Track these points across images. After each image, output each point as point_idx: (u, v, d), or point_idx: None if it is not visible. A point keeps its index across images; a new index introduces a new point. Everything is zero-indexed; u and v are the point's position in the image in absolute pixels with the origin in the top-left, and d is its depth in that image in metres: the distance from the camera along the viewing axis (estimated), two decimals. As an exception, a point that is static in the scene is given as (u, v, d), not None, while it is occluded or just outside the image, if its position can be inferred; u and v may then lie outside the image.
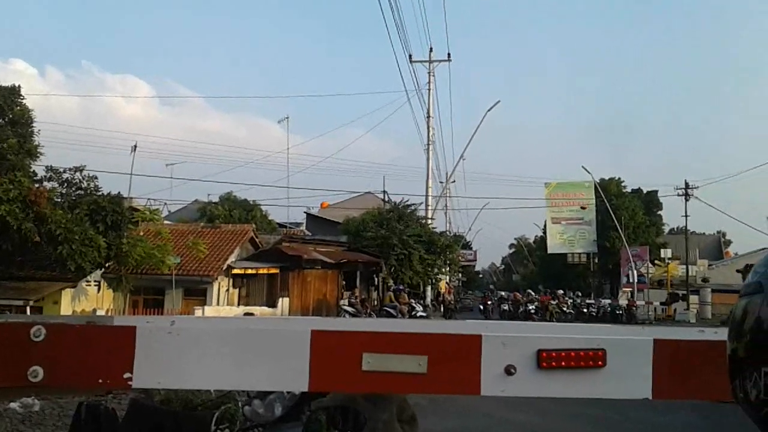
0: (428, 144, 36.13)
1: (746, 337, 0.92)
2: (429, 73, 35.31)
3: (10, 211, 19.84)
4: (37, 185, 21.95)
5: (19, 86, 23.00)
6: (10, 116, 22.53)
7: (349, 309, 26.29)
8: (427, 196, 40.30)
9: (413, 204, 38.30)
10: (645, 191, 59.65)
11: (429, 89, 35.22)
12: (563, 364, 1.78)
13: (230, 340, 1.79)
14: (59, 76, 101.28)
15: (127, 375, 1.74)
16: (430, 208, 40.58)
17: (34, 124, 23.09)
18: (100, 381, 1.77)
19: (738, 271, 40.73)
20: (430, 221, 39.70)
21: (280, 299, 26.88)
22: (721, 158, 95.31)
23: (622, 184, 59.61)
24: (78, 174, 23.61)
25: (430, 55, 35.30)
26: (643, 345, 1.83)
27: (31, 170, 22.65)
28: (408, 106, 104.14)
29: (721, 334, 1.98)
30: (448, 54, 35.81)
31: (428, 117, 35.71)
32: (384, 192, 42.12)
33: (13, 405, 7.20)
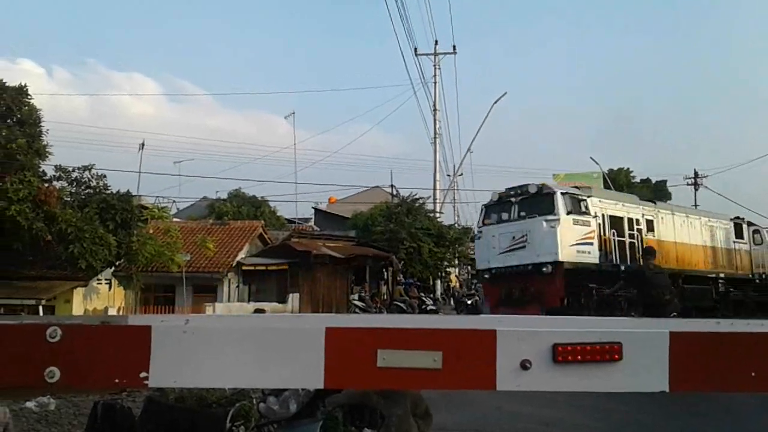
0: (435, 137, 36.11)
1: None
2: (435, 66, 35.25)
3: (21, 211, 19.97)
4: (46, 185, 22.06)
5: (27, 86, 23.08)
6: (19, 116, 22.65)
7: (359, 304, 26.32)
8: (435, 189, 40.21)
9: (421, 198, 38.25)
10: (654, 181, 59.38)
11: (435, 82, 35.18)
12: (579, 358, 1.77)
13: (245, 338, 1.79)
14: (66, 75, 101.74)
15: (143, 374, 1.74)
16: (438, 201, 40.50)
17: (42, 124, 23.20)
18: (117, 381, 1.78)
19: None
20: (438, 215, 39.64)
21: (290, 295, 26.92)
22: (731, 147, 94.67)
23: (631, 174, 59.36)
24: (87, 173, 23.73)
25: (435, 47, 35.30)
26: (659, 338, 1.82)
27: (41, 170, 22.77)
28: (414, 100, 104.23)
29: (737, 326, 1.97)
30: (453, 46, 35.81)
31: (434, 110, 35.66)
32: (392, 186, 42.12)
33: (29, 404, 7.25)
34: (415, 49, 33.35)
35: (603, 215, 18.64)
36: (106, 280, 26.27)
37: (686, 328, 1.90)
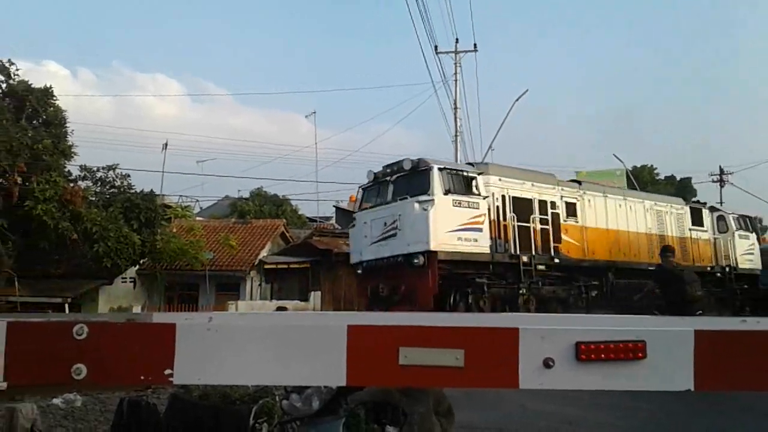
0: (456, 135, 35.87)
1: None
2: (455, 63, 35.00)
3: (47, 211, 20.27)
4: (72, 184, 22.37)
5: (52, 87, 23.39)
6: (44, 117, 22.99)
7: (381, 302, 26.27)
8: (456, 187, 39.93)
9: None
10: (678, 178, 58.66)
11: (455, 80, 34.86)
12: (602, 356, 1.76)
13: (268, 335, 1.80)
14: (90, 76, 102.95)
15: (167, 371, 1.76)
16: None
17: (67, 125, 23.52)
18: (142, 378, 1.80)
19: None
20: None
21: (312, 293, 27.01)
22: (756, 143, 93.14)
23: (655, 172, 58.70)
24: (111, 172, 24.05)
25: (456, 45, 34.89)
26: (684, 336, 1.80)
27: (66, 170, 23.08)
28: (435, 98, 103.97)
29: (764, 324, 1.94)
30: (474, 44, 35.41)
31: (455, 108, 35.47)
32: (413, 184, 41.91)
33: (55, 401, 7.36)
34: (436, 47, 33.10)
35: (503, 197, 15.90)
36: (130, 278, 26.57)
37: (711, 326, 1.88)
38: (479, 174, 15.51)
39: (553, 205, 16.94)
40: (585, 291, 17.16)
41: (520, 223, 15.88)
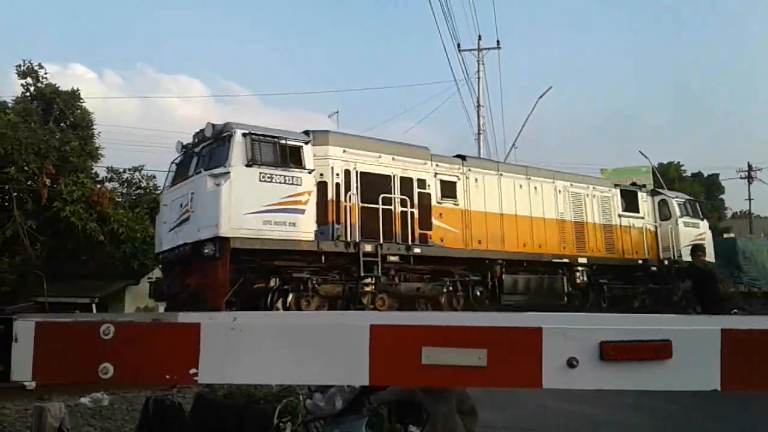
0: (479, 133, 35.68)
1: None
2: (478, 61, 34.77)
3: (75, 212, 20.58)
4: (99, 186, 22.70)
5: (79, 90, 23.74)
6: (72, 119, 23.34)
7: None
8: (479, 186, 39.70)
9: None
10: (706, 175, 57.85)
11: (478, 78, 34.63)
12: (627, 356, 1.74)
13: (291, 335, 1.81)
14: (116, 78, 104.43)
15: (192, 370, 1.77)
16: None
17: (94, 127, 23.87)
18: (167, 377, 1.82)
19: None
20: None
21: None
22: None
23: (682, 168, 57.94)
24: (137, 174, 24.38)
25: (478, 43, 34.69)
26: (711, 335, 1.78)
27: (93, 171, 23.43)
28: (458, 96, 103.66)
29: (793, 322, 1.90)
30: (497, 41, 35.23)
31: (478, 106, 35.27)
32: (436, 183, 41.80)
33: (83, 400, 7.47)
34: (458, 45, 32.96)
35: (346, 171, 13.02)
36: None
37: (739, 325, 1.86)
38: (307, 143, 12.58)
39: (422, 183, 14.21)
40: (463, 287, 14.72)
41: (367, 204, 13.13)
